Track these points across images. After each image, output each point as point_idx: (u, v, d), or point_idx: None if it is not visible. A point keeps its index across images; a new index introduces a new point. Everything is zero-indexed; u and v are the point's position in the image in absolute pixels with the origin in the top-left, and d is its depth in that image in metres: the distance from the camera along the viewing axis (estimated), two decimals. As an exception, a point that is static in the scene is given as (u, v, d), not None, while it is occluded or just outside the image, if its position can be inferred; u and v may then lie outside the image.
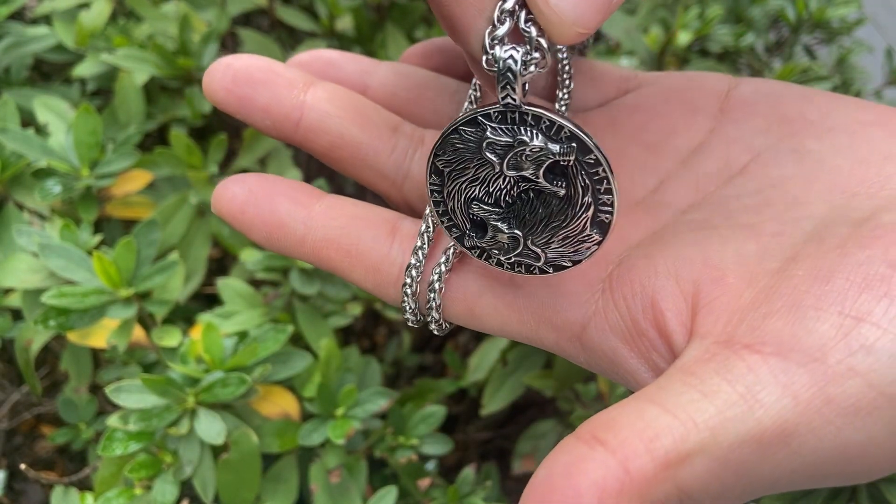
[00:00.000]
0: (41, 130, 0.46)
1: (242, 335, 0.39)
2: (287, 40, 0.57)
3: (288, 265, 0.41)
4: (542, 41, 0.20)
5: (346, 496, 0.38)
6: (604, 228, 0.22)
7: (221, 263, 0.53)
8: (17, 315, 0.44)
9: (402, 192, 0.28)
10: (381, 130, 0.27)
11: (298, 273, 0.41)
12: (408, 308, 0.26)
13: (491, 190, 0.22)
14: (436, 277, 0.25)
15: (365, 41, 0.55)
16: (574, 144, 0.21)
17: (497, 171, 0.22)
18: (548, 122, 0.21)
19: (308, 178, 0.50)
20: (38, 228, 0.41)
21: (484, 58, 0.20)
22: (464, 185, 0.23)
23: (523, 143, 0.21)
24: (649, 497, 0.18)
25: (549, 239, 0.23)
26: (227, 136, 0.46)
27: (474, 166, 0.22)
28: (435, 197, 0.23)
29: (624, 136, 0.28)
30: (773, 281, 0.21)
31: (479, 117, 0.21)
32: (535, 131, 0.21)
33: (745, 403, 0.18)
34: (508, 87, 0.20)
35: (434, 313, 0.26)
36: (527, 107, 0.21)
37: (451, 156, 0.22)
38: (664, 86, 0.29)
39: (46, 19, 0.55)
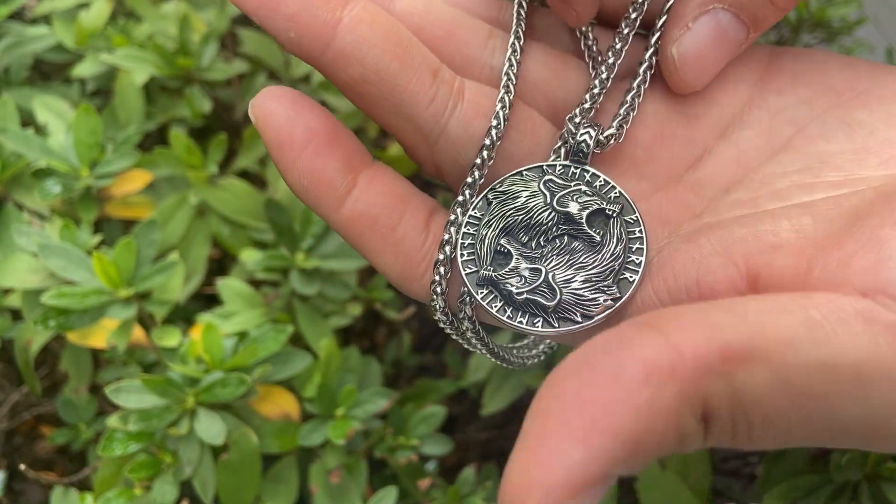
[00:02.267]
0: (41, 130, 0.46)
1: (242, 335, 0.39)
2: (287, 40, 0.57)
3: (288, 266, 0.41)
4: (624, 129, 0.24)
5: (346, 497, 0.38)
6: (625, 288, 0.22)
7: (221, 263, 0.52)
8: (16, 315, 0.44)
9: (433, 151, 0.25)
10: (422, 73, 0.23)
11: (298, 273, 0.41)
12: (437, 307, 0.24)
13: (532, 223, 0.23)
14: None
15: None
16: (621, 204, 0.23)
17: (546, 202, 0.23)
18: (602, 181, 0.23)
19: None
20: (38, 228, 0.41)
21: (564, 129, 0.24)
22: (508, 211, 0.23)
23: (579, 189, 0.23)
24: (701, 388, 0.16)
25: (571, 278, 0.22)
26: (227, 135, 0.46)
27: (526, 196, 0.23)
28: (467, 229, 0.23)
29: (663, 107, 0.26)
30: (843, 234, 0.19)
31: (545, 166, 0.24)
32: (589, 186, 0.23)
33: (822, 330, 0.16)
34: (579, 158, 0.24)
35: (467, 310, 0.24)
36: (590, 167, 0.24)
37: (506, 188, 0.23)
38: None
39: (46, 19, 0.55)
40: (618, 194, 0.23)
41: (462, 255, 0.23)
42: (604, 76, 0.25)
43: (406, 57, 0.23)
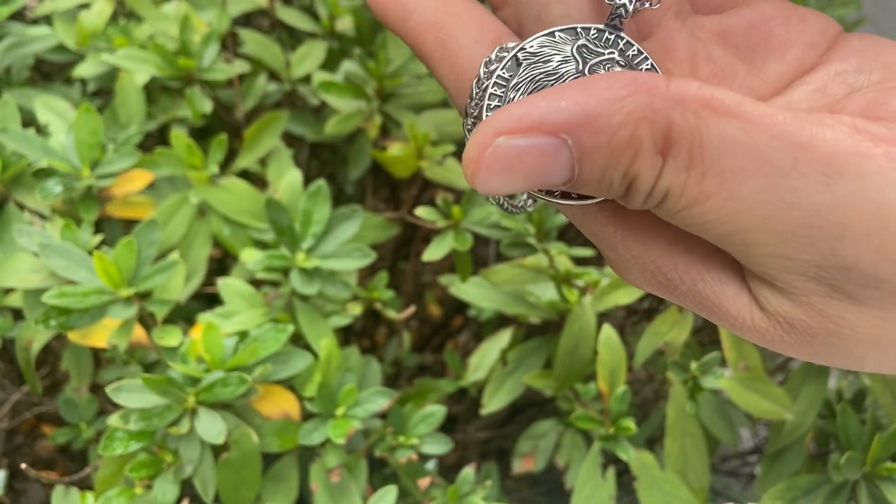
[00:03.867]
0: (42, 130, 0.47)
1: (243, 335, 0.39)
2: (287, 41, 0.57)
3: (288, 265, 0.41)
4: None
5: (346, 496, 0.39)
6: None
7: (222, 263, 0.53)
8: (17, 315, 0.44)
9: (518, 6, 0.25)
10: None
11: (299, 273, 0.41)
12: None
13: None
14: None
15: (365, 42, 0.55)
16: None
17: (578, 69, 0.22)
18: (636, 51, 0.23)
19: (308, 179, 0.50)
20: (39, 228, 0.41)
21: None
22: (538, 76, 0.22)
23: (612, 58, 0.22)
24: (669, 112, 0.18)
25: None
26: (227, 136, 0.46)
27: (558, 61, 0.22)
28: (495, 90, 0.23)
29: (732, 51, 0.26)
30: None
31: (579, 28, 0.23)
32: (622, 54, 0.23)
33: (810, 121, 0.17)
34: (619, 17, 0.23)
35: None
36: (625, 34, 0.23)
37: (537, 50, 0.23)
38: (781, 6, 0.27)
39: (47, 19, 0.55)
40: (650, 66, 0.23)
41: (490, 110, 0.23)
42: None
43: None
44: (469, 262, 0.46)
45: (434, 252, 0.44)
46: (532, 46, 0.23)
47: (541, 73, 0.22)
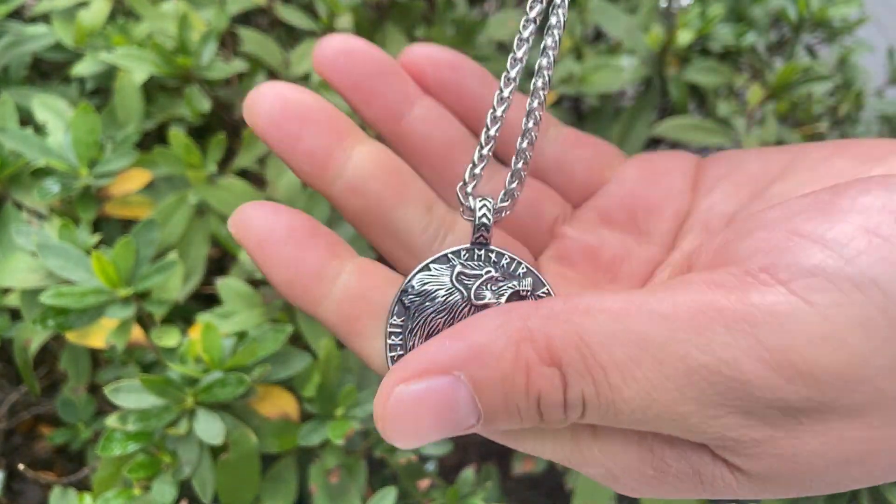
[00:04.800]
0: (40, 129, 0.46)
1: (242, 335, 0.39)
2: (286, 39, 0.57)
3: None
4: (517, 196, 0.24)
5: (345, 497, 0.38)
6: None
7: (220, 263, 0.52)
8: (15, 315, 0.44)
9: None
10: (419, 206, 0.26)
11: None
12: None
13: (455, 322, 0.23)
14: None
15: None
16: (531, 279, 0.24)
17: (464, 298, 0.23)
18: (508, 259, 0.24)
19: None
20: (37, 228, 0.41)
21: (461, 207, 0.24)
22: (430, 317, 0.23)
23: (490, 276, 0.24)
24: (544, 328, 0.19)
25: None
26: (226, 135, 0.46)
27: (443, 295, 0.23)
28: (392, 339, 0.23)
29: (620, 228, 0.29)
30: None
31: (449, 254, 0.24)
32: (497, 266, 0.24)
33: (664, 290, 0.19)
34: (483, 230, 0.24)
35: None
36: (494, 246, 0.24)
37: (420, 289, 0.24)
38: (638, 171, 0.30)
39: (45, 18, 0.55)
40: (525, 270, 0.24)
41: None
42: (485, 149, 0.25)
43: (405, 190, 0.26)
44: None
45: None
46: (413, 287, 0.24)
47: (431, 312, 0.23)
